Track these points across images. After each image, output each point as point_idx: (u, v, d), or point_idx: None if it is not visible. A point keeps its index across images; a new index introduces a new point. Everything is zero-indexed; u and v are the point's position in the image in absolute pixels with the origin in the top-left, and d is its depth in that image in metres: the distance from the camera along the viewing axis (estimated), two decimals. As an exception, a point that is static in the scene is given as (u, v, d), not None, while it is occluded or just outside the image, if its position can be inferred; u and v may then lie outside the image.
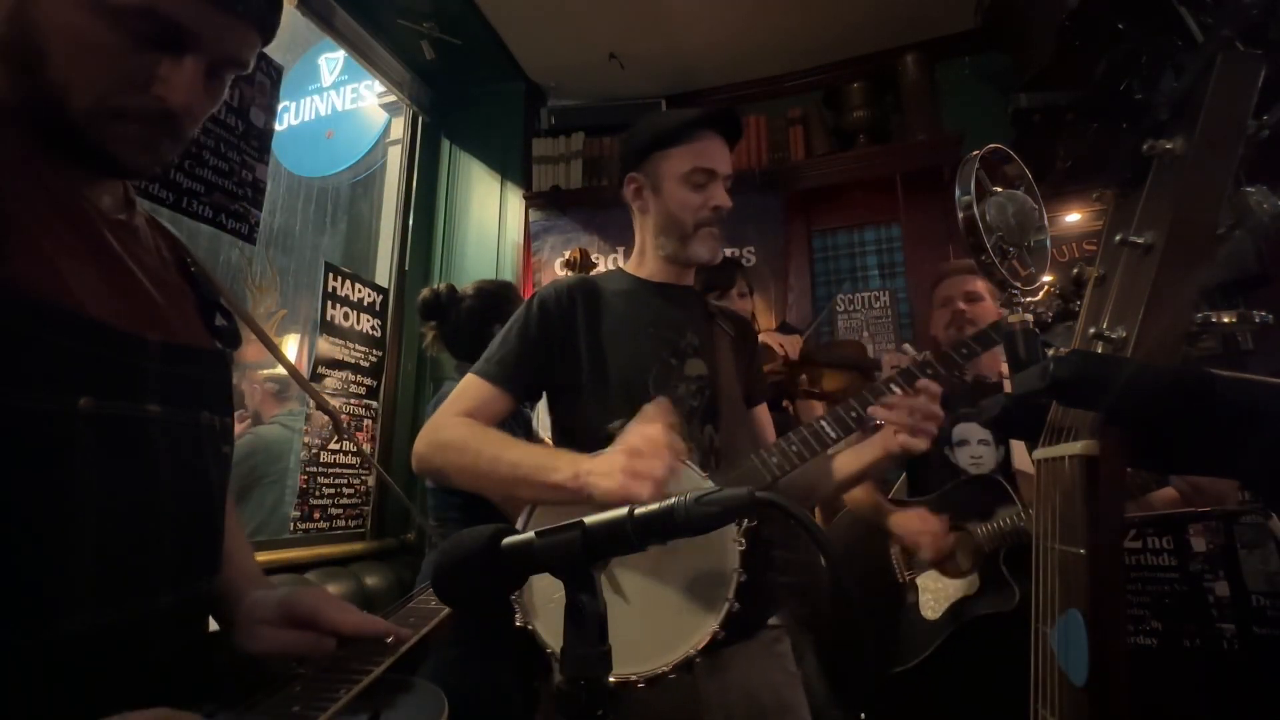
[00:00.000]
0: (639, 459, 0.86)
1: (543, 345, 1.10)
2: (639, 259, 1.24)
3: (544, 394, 1.17)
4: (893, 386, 1.07)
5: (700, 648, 0.89)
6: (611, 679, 0.86)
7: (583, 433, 1.06)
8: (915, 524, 1.57)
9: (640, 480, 0.85)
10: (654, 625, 0.92)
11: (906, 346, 1.13)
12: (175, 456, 0.62)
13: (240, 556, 0.77)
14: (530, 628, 0.92)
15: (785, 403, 2.09)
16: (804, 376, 2.00)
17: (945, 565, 1.58)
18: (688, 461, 0.97)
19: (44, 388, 0.52)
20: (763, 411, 1.29)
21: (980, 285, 1.76)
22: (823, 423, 1.07)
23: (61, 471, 0.53)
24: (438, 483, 1.08)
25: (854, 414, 1.07)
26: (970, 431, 1.70)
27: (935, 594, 1.60)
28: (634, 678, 0.88)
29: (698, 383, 1.12)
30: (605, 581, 0.90)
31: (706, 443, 1.10)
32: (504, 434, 1.04)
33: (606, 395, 1.08)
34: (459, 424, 1.04)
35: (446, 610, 0.83)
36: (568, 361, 1.10)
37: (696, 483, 0.98)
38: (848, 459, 1.15)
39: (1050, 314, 0.84)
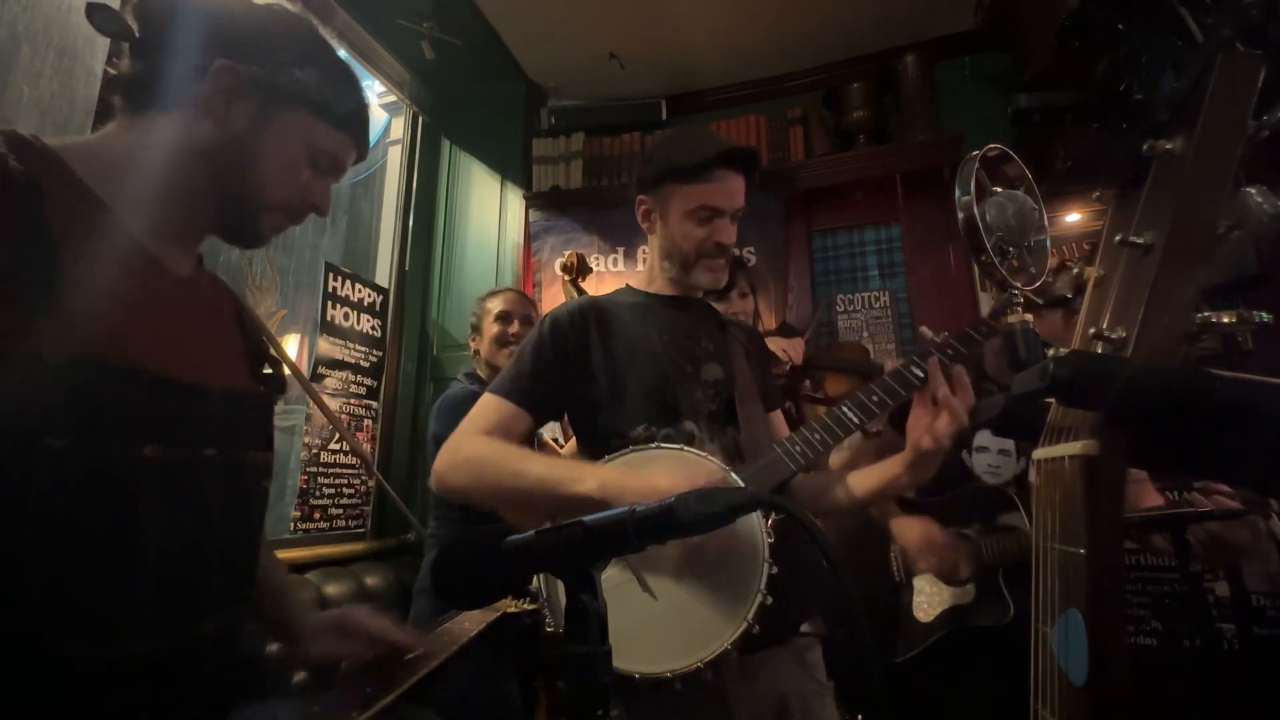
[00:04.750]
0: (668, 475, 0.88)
1: (557, 364, 1.11)
2: (649, 275, 1.26)
3: (564, 412, 1.18)
4: (914, 370, 1.04)
5: (735, 642, 0.88)
6: (642, 676, 0.87)
7: (605, 445, 1.06)
8: (919, 534, 1.55)
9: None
10: (687, 622, 0.92)
11: (924, 329, 1.09)
12: (225, 494, 0.71)
13: (287, 583, 0.92)
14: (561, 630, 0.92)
15: (788, 403, 2.09)
16: (807, 381, 2.00)
17: (945, 572, 1.58)
18: (709, 457, 0.98)
19: (116, 438, 0.60)
20: (778, 417, 1.30)
21: None
22: (844, 408, 1.06)
23: (128, 511, 0.61)
24: (460, 501, 1.08)
25: (875, 398, 1.06)
26: (991, 439, 1.68)
27: (930, 597, 1.60)
28: (669, 675, 0.87)
29: (715, 387, 1.14)
30: (635, 579, 0.91)
31: (730, 444, 1.11)
32: (524, 449, 1.05)
33: (626, 406, 1.09)
34: (479, 441, 1.04)
35: (467, 638, 0.94)
36: (584, 377, 1.12)
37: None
38: (868, 475, 1.11)
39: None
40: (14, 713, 0.55)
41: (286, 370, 0.91)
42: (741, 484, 0.99)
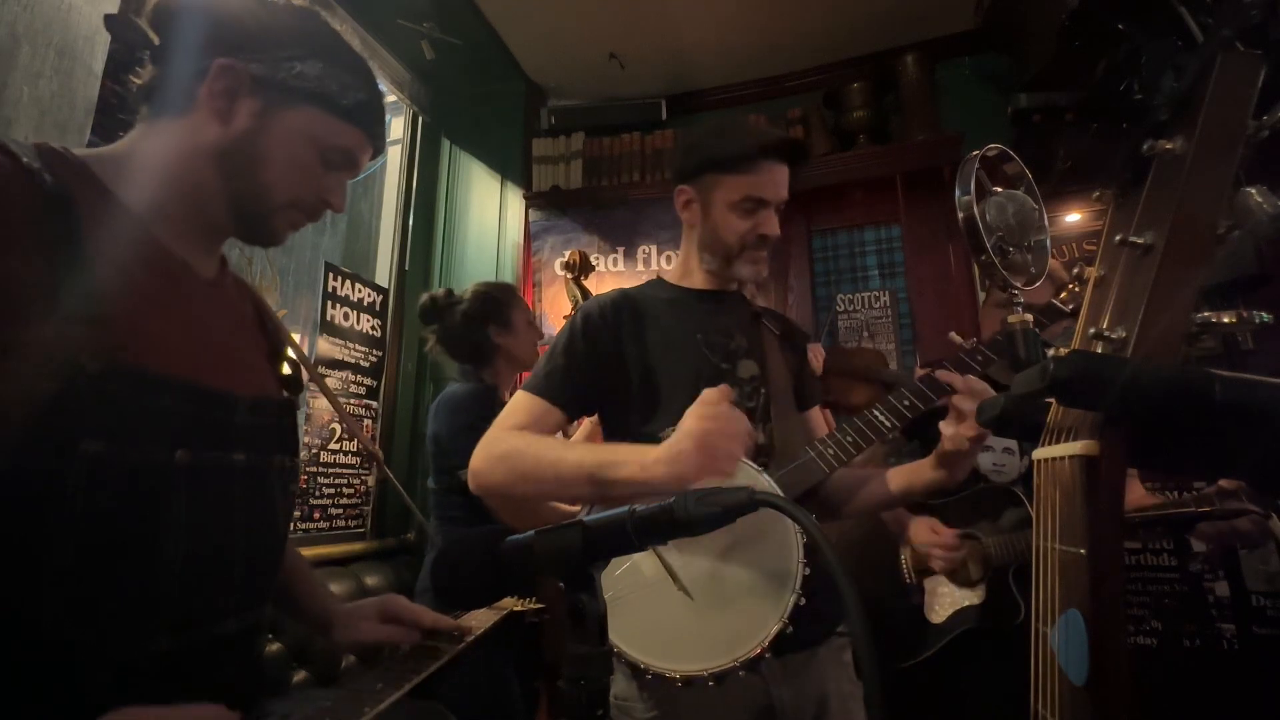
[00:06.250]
0: (707, 442, 0.85)
1: (590, 359, 1.09)
2: (682, 268, 1.24)
3: (597, 408, 1.17)
4: (944, 377, 1.03)
5: (769, 643, 0.88)
6: (679, 676, 0.87)
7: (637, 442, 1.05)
8: (929, 535, 1.56)
9: (713, 461, 0.84)
10: (719, 621, 0.92)
11: (953, 335, 1.09)
12: (252, 499, 0.72)
13: (316, 577, 0.96)
14: None
15: None
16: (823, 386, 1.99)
17: (955, 573, 1.58)
18: (743, 459, 0.96)
19: (148, 444, 0.61)
20: (815, 414, 1.27)
21: None
22: (876, 412, 1.05)
23: (158, 515, 0.62)
24: (500, 495, 1.07)
25: (906, 402, 1.05)
26: (995, 438, 1.68)
27: (941, 599, 1.60)
28: (705, 674, 0.87)
29: (751, 384, 1.12)
30: (669, 578, 0.89)
31: (767, 442, 1.09)
32: (559, 439, 1.05)
33: (658, 405, 1.07)
34: (513, 436, 1.03)
35: (475, 636, 0.95)
36: (617, 374, 1.10)
37: (753, 477, 0.98)
38: (902, 473, 1.11)
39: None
40: (36, 710, 0.55)
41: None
42: (751, 464, 0.98)
